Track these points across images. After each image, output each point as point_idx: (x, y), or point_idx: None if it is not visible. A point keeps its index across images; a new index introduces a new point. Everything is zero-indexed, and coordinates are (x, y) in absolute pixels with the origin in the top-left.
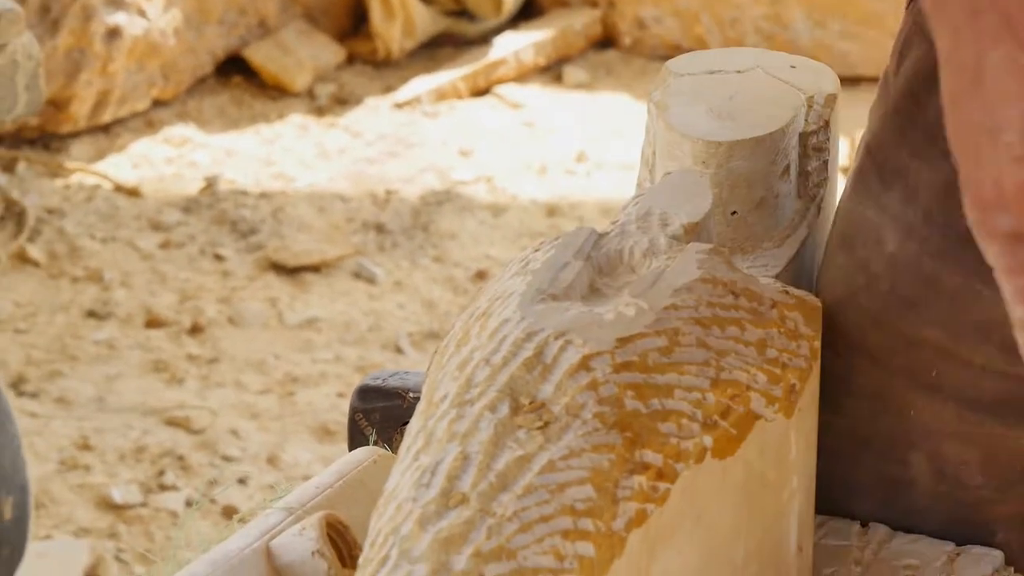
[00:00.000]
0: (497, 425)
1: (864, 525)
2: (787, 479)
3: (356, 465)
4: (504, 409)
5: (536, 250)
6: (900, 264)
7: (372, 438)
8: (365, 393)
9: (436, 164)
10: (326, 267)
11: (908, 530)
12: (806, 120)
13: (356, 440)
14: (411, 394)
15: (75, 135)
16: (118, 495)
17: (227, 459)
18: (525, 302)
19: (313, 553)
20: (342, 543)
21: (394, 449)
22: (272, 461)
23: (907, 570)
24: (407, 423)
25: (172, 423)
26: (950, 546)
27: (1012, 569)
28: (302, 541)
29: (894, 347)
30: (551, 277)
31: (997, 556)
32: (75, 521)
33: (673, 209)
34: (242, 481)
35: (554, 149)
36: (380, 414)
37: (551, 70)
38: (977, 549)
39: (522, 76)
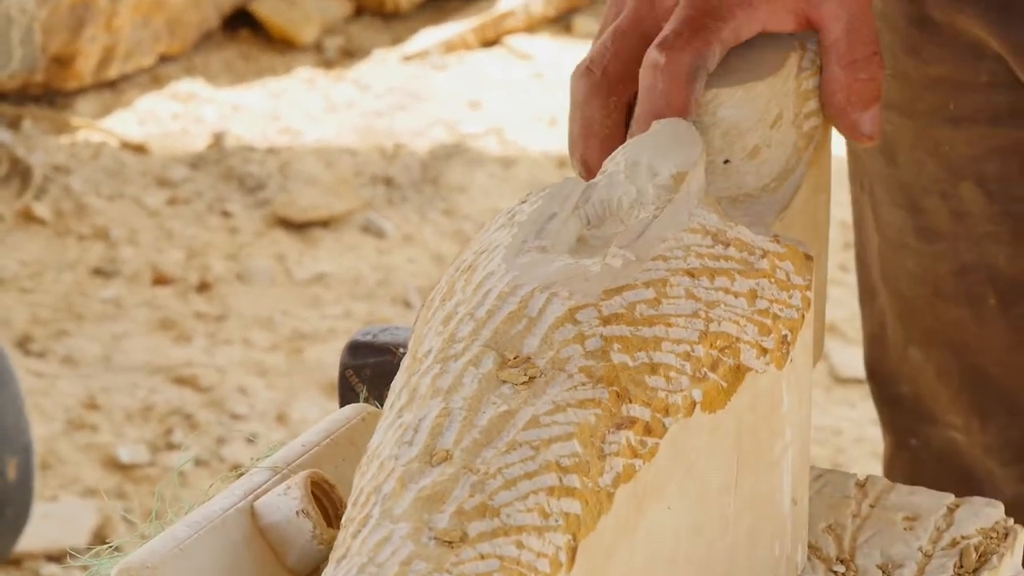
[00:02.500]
0: (481, 380)
1: (861, 480)
2: (780, 432)
3: (344, 423)
4: (488, 364)
5: (523, 202)
6: None
7: (363, 395)
8: (355, 349)
9: (445, 117)
10: (334, 222)
11: None
12: (799, 65)
13: (347, 397)
14: (402, 350)
15: (80, 91)
16: (125, 455)
17: (235, 417)
18: (510, 255)
19: (298, 512)
20: (327, 502)
21: (383, 404)
22: (280, 419)
23: (906, 521)
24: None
25: (180, 381)
26: (949, 498)
27: (1012, 520)
28: (286, 500)
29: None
30: (537, 229)
31: (998, 507)
32: (82, 481)
33: (662, 158)
34: (250, 439)
35: (564, 100)
36: (371, 370)
37: (561, 20)
38: (977, 500)
39: (531, 27)
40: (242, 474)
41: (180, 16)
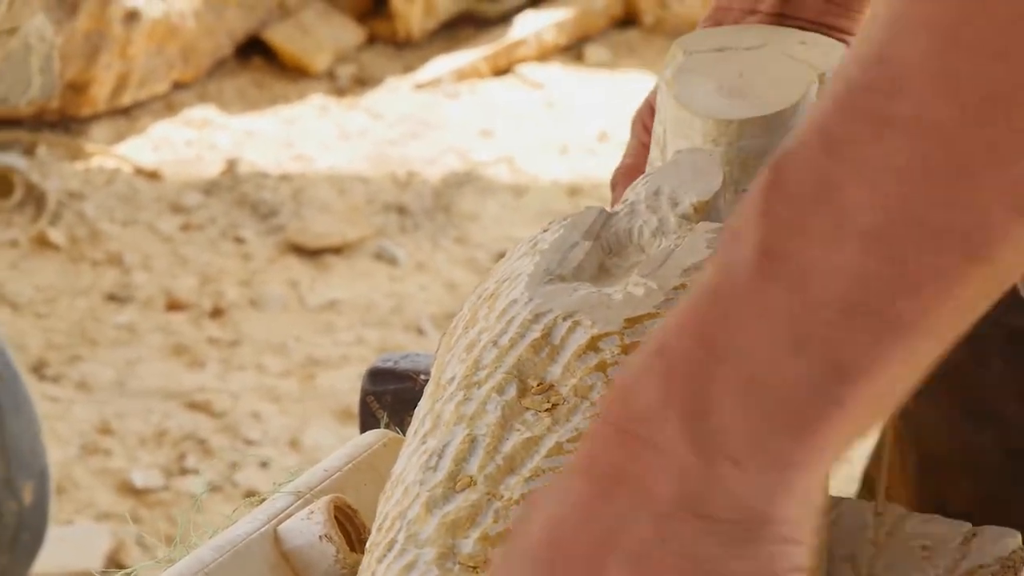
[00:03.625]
0: (504, 407)
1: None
2: None
3: (366, 448)
4: (511, 391)
5: (545, 230)
6: None
7: (384, 420)
8: (376, 375)
9: (457, 145)
10: (347, 249)
11: None
12: (817, 96)
13: (368, 423)
14: (422, 376)
15: (95, 118)
16: (139, 479)
17: (248, 442)
18: (533, 283)
19: (321, 537)
20: (350, 527)
21: (405, 431)
22: (293, 444)
23: (923, 551)
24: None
25: (193, 407)
26: (966, 526)
27: None
28: (309, 525)
29: None
30: (559, 258)
31: (1016, 536)
32: (96, 506)
33: (683, 188)
34: (264, 464)
35: (576, 129)
36: (392, 396)
37: (572, 49)
38: (994, 530)
39: (543, 55)
40: (264, 499)
41: (194, 44)
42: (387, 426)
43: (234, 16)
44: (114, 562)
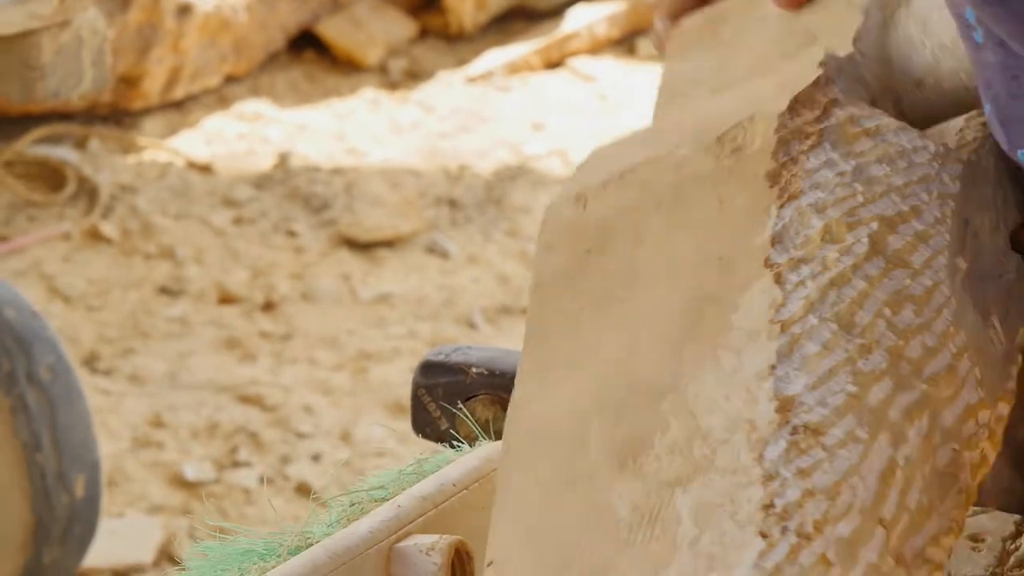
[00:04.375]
0: None
1: None
2: None
3: (495, 465)
4: None
5: None
6: None
7: (435, 413)
8: (428, 369)
9: (509, 138)
10: (399, 242)
11: None
12: None
13: (419, 416)
14: (474, 369)
15: (147, 111)
16: (191, 472)
17: (300, 436)
18: None
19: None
20: (460, 572)
21: (455, 425)
22: (345, 437)
23: (972, 542)
24: (471, 398)
25: (245, 400)
26: (1015, 517)
27: None
28: (426, 563)
29: None
30: None
31: None
32: (148, 498)
33: None
34: (315, 458)
35: (628, 122)
36: (443, 389)
37: (625, 42)
38: None
39: (595, 49)
40: (385, 499)
41: (246, 37)
42: (438, 419)
43: (286, 9)
44: (166, 555)
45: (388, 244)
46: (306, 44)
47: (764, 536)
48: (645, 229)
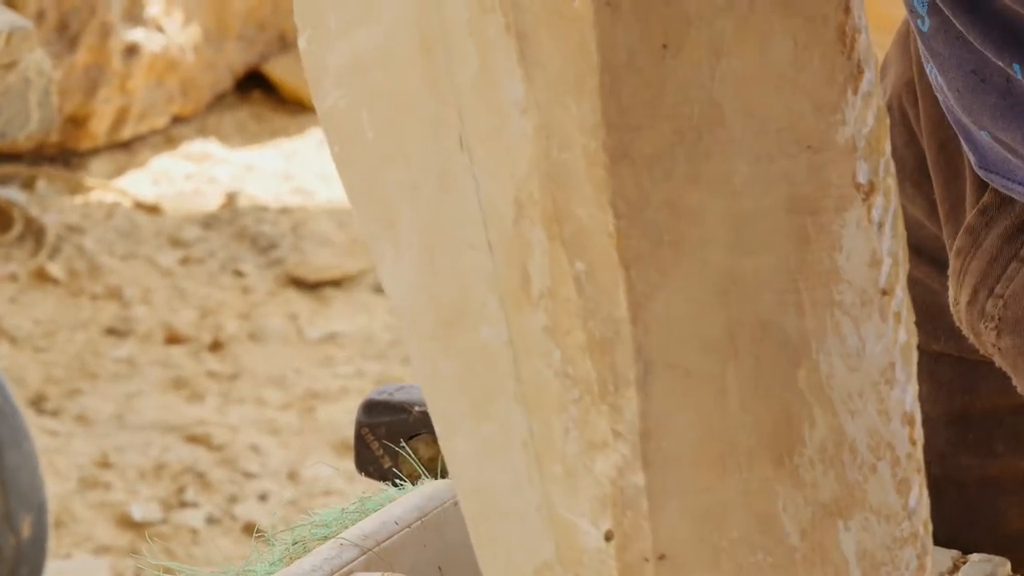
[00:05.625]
0: None
1: None
2: None
3: (438, 503)
4: None
5: None
6: None
7: (378, 452)
8: (371, 407)
9: None
10: (347, 281)
11: None
12: None
13: (363, 454)
14: (417, 407)
15: (94, 152)
16: (138, 512)
17: (247, 475)
18: None
19: None
20: None
21: (398, 463)
22: (292, 477)
23: None
24: (414, 436)
25: (192, 440)
26: (955, 553)
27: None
28: None
29: None
30: None
31: (1005, 565)
32: (95, 539)
33: None
34: (262, 497)
35: None
36: (386, 428)
37: None
38: (983, 557)
39: None
40: (327, 537)
41: (193, 78)
42: (381, 457)
43: (234, 49)
44: None
45: (335, 283)
46: (254, 84)
47: None
48: (721, 40)
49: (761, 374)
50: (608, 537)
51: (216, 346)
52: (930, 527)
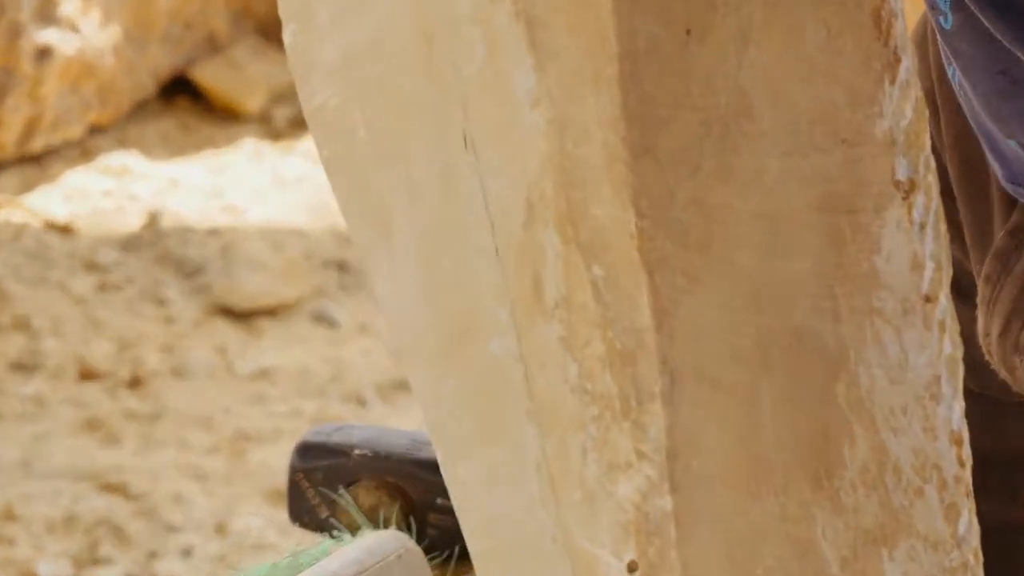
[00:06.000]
0: None
1: None
2: None
3: (380, 556)
4: None
5: None
6: None
7: (315, 500)
8: (306, 450)
9: None
10: (282, 310)
11: None
12: None
13: (296, 503)
14: (357, 451)
15: (1, 166)
16: (45, 570)
17: (169, 528)
18: None
19: None
20: None
21: (336, 513)
22: (220, 529)
23: None
24: (353, 483)
25: (108, 488)
26: None
27: None
28: None
29: None
30: None
31: None
32: None
33: None
34: (187, 552)
35: None
36: (323, 473)
37: None
38: None
39: None
40: None
41: (112, 83)
42: (317, 506)
43: (157, 52)
44: None
45: (269, 313)
46: (179, 90)
47: None
48: (749, 26)
49: (796, 387)
50: (632, 569)
51: (135, 383)
52: (980, 557)
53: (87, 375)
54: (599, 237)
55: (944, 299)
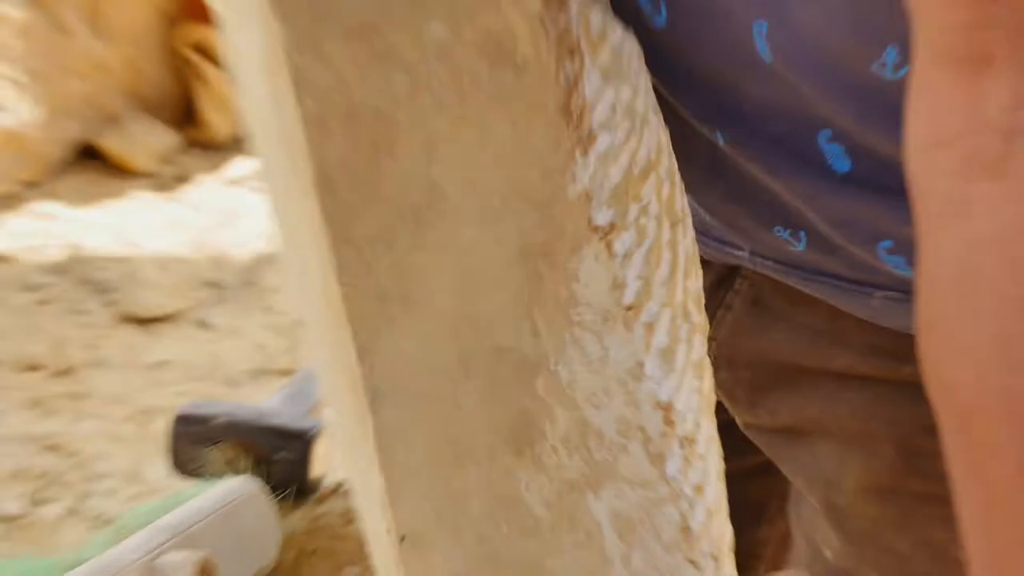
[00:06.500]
0: None
1: None
2: None
3: (235, 495)
4: None
5: None
6: None
7: (190, 455)
8: (182, 419)
9: (264, 231)
10: (173, 318)
11: None
12: None
13: (177, 458)
14: (218, 419)
15: None
16: (7, 506)
17: (97, 476)
18: None
19: None
20: None
21: (206, 464)
22: (133, 477)
23: None
24: (217, 442)
25: (50, 448)
26: None
27: None
28: (178, 572)
29: None
30: None
31: None
32: None
33: None
34: (110, 493)
35: None
36: (194, 436)
37: None
38: None
39: None
40: (148, 523)
41: (39, 149)
42: (191, 460)
43: (72, 126)
44: None
45: (164, 320)
46: (89, 155)
47: (693, 564)
48: (436, 136)
49: (496, 388)
50: (389, 530)
51: (67, 372)
52: (707, 490)
53: (30, 367)
54: (331, 306)
55: (654, 306)
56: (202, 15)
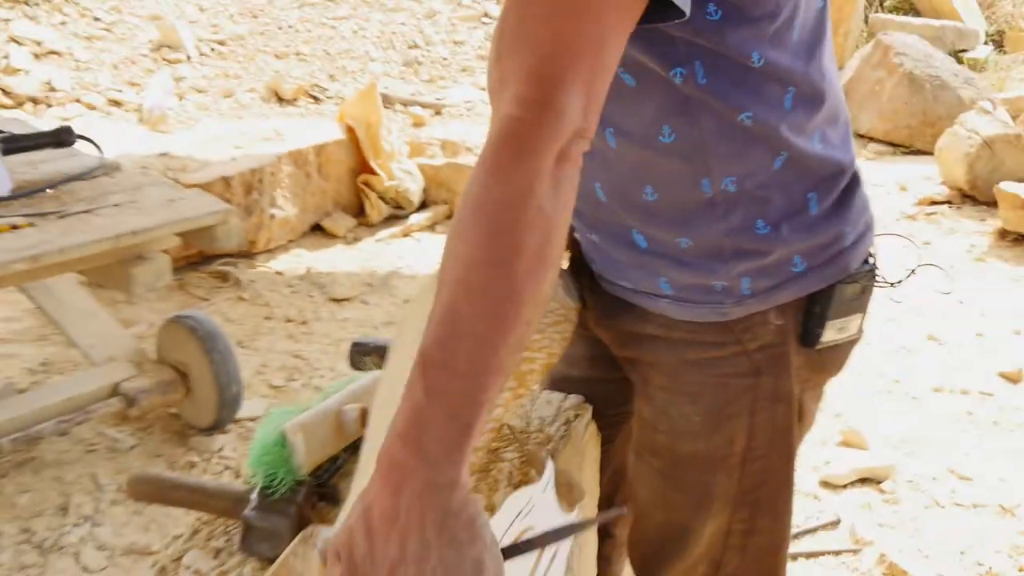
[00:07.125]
0: None
1: None
2: None
3: (372, 379)
4: None
5: None
6: None
7: (358, 362)
8: (355, 345)
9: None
10: (352, 300)
11: None
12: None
13: (354, 362)
14: (370, 344)
15: None
16: None
17: (317, 370)
18: None
19: (355, 419)
20: (363, 422)
21: (366, 366)
22: (333, 370)
23: None
24: (370, 354)
25: (296, 357)
26: None
27: None
28: (351, 415)
29: None
30: None
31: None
32: None
33: None
34: (324, 377)
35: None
36: (359, 351)
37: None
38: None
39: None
40: (340, 389)
41: (294, 226)
42: (360, 364)
43: (308, 217)
44: None
45: (348, 300)
46: (317, 229)
47: None
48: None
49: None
50: None
51: (304, 323)
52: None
53: (288, 320)
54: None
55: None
56: (369, 169)
